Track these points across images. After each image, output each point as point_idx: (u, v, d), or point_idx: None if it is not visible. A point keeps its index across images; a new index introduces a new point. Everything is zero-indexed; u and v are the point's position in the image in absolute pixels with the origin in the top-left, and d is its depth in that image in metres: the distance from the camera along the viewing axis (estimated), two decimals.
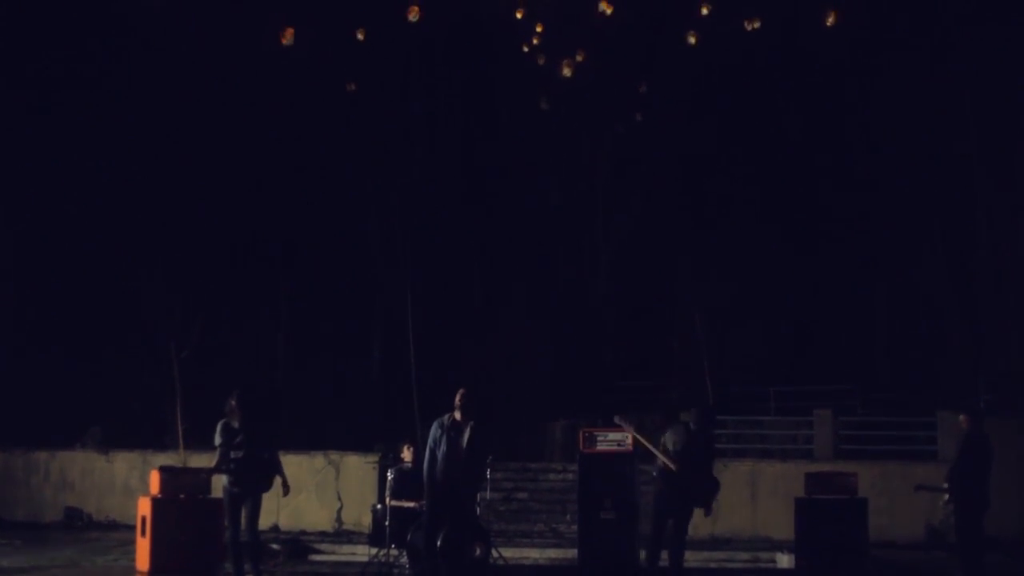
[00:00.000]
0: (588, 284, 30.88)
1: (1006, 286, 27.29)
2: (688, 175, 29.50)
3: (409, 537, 15.64)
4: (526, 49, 21.93)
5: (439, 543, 14.12)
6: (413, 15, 18.61)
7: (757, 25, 19.89)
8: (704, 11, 21.54)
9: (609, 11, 19.42)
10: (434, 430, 14.28)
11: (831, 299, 29.72)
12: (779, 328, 30.22)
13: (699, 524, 17.63)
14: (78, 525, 23.12)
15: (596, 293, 30.83)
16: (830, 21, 19.89)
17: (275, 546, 19.82)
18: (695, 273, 29.17)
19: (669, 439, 14.98)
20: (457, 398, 14.31)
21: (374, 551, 16.94)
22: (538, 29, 21.63)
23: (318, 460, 23.24)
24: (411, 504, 16.13)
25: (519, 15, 21.86)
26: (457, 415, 14.28)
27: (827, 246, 29.69)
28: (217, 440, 14.46)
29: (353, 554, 20.08)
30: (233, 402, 14.48)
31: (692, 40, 20.81)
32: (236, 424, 14.40)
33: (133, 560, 16.00)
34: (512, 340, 29.25)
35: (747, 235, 29.41)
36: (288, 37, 17.14)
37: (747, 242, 29.38)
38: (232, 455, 14.34)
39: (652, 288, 30.40)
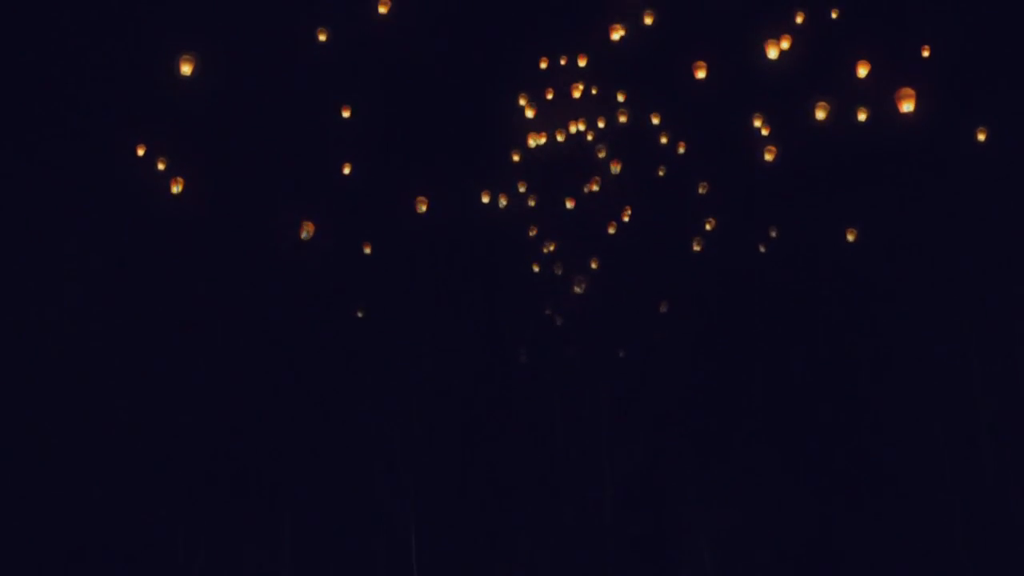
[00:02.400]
0: (592, 515, 30.37)
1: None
2: (694, 403, 29.29)
3: None
4: (536, 268, 22.22)
5: None
6: (421, 206, 19.03)
7: (773, 235, 20.30)
8: (708, 226, 21.96)
9: (625, 216, 19.77)
10: None
11: (841, 529, 29.20)
12: (789, 560, 29.61)
13: None
14: None
15: (601, 524, 30.31)
16: (851, 237, 20.24)
17: None
18: (703, 503, 28.70)
19: None
20: None
21: None
22: (551, 247, 21.94)
23: None
24: None
25: (532, 233, 22.29)
26: None
27: (836, 476, 29.32)
28: None
29: None
30: None
31: (696, 247, 21.16)
32: None
33: None
34: (517, 572, 28.61)
35: (755, 465, 29.05)
36: (307, 231, 17.33)
37: (755, 472, 29.01)
38: None
39: (658, 518, 29.90)
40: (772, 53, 19.38)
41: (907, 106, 18.98)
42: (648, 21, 21.05)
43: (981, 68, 25.30)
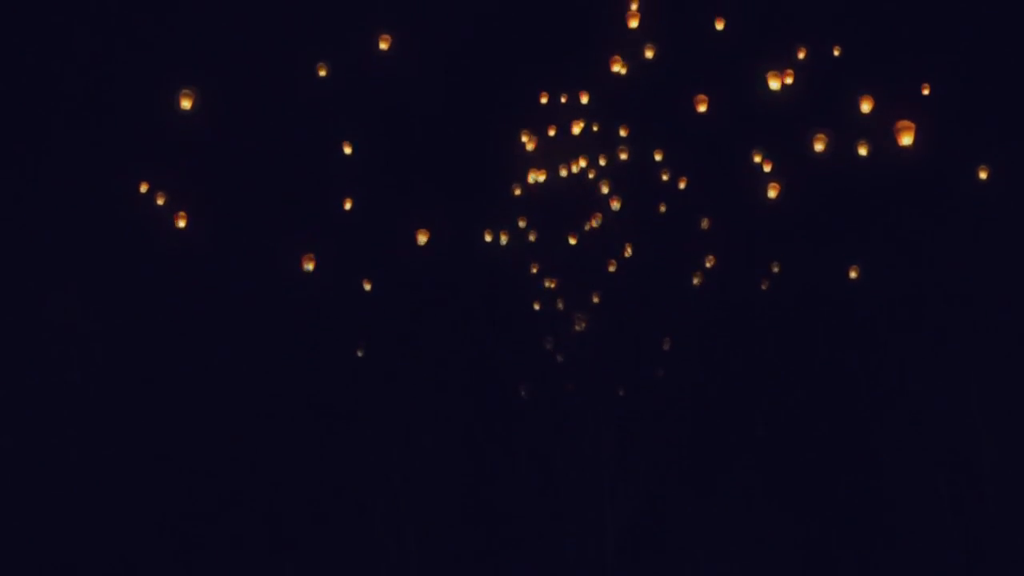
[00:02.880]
0: (593, 552, 30.24)
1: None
2: (694, 439, 29.19)
3: None
4: (537, 305, 22.23)
5: None
6: (422, 237, 19.16)
7: (776, 270, 20.27)
8: (709, 263, 21.94)
9: (627, 253, 19.78)
10: None
11: (843, 570, 29.02)
12: None
13: None
14: None
15: (601, 561, 30.15)
16: (853, 275, 20.21)
17: None
18: (703, 539, 28.56)
19: None
20: None
21: None
22: (552, 284, 21.93)
23: None
24: None
25: (534, 270, 22.29)
26: None
27: (838, 515, 29.19)
28: None
29: None
30: None
31: (696, 280, 21.17)
32: None
33: None
34: None
35: (756, 502, 28.93)
36: (308, 266, 17.41)
37: (756, 509, 28.88)
38: None
39: (659, 556, 29.77)
40: (774, 84, 19.42)
41: (906, 139, 19.00)
42: (649, 55, 21.10)
43: (981, 107, 25.38)
